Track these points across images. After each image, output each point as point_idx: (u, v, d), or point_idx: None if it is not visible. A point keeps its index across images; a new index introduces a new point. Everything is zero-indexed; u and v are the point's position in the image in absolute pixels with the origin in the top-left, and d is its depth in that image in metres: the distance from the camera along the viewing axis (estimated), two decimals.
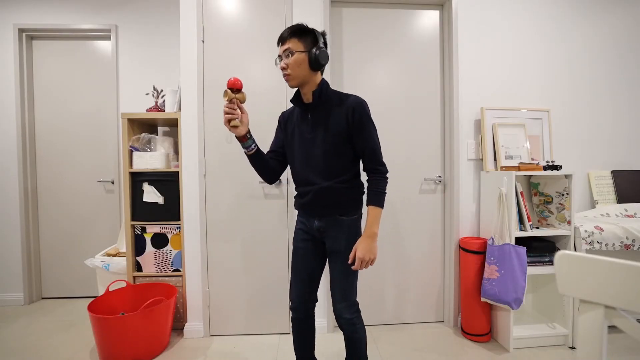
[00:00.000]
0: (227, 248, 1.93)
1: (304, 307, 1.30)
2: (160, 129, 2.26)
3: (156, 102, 2.04)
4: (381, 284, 2.06)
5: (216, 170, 1.91)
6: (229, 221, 1.92)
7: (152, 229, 1.96)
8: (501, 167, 1.88)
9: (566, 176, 1.78)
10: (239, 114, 1.13)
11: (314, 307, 1.33)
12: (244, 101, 1.13)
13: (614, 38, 2.15)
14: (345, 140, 1.16)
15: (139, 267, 1.97)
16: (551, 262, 1.81)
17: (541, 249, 1.80)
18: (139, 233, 1.97)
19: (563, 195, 1.80)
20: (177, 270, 1.97)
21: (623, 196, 2.08)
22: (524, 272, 1.65)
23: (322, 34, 1.18)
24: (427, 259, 2.08)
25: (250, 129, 1.86)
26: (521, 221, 1.78)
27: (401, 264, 2.06)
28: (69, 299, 2.47)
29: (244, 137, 1.17)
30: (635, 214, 1.99)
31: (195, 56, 1.88)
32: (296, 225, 1.33)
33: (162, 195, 1.95)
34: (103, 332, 1.58)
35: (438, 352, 1.75)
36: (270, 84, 1.92)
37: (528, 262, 1.75)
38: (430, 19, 2.06)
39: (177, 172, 1.94)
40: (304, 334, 1.34)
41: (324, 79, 1.20)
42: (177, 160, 1.98)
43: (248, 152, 1.21)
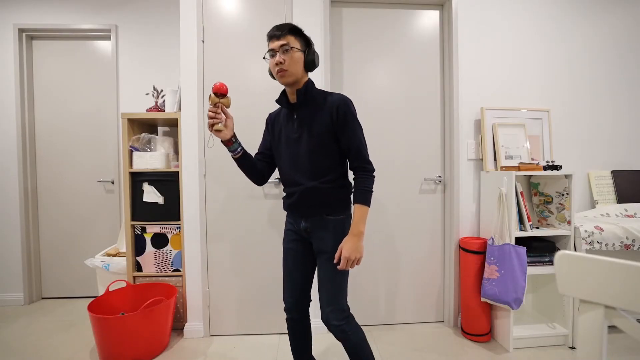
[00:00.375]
0: (227, 248, 1.93)
1: (297, 308, 1.29)
2: (160, 129, 2.26)
3: (156, 102, 2.04)
4: (381, 283, 2.06)
5: (216, 170, 1.91)
6: (229, 221, 1.92)
7: (152, 229, 1.96)
8: (501, 167, 1.88)
9: (566, 176, 1.78)
10: (222, 118, 1.12)
11: (308, 307, 1.32)
12: (228, 106, 1.13)
13: (614, 38, 2.15)
14: (330, 139, 1.15)
15: (139, 267, 1.97)
16: (551, 262, 1.81)
17: (541, 249, 1.80)
18: (139, 233, 1.97)
19: (563, 195, 1.80)
20: (177, 270, 1.97)
21: (623, 196, 2.08)
22: (524, 272, 1.65)
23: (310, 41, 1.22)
24: (427, 259, 2.07)
25: (250, 128, 1.88)
26: (521, 221, 1.78)
27: (401, 263, 2.06)
28: (69, 299, 2.47)
29: (229, 141, 1.17)
30: (635, 214, 1.99)
31: (195, 56, 1.88)
32: (285, 226, 1.33)
33: (162, 195, 1.95)
34: (103, 332, 1.58)
35: (438, 352, 1.75)
36: (270, 84, 1.92)
37: (528, 262, 1.75)
38: (430, 19, 2.06)
39: (177, 172, 1.94)
40: (299, 334, 1.33)
41: (310, 79, 1.20)
42: (177, 160, 1.98)
43: (234, 156, 1.21)
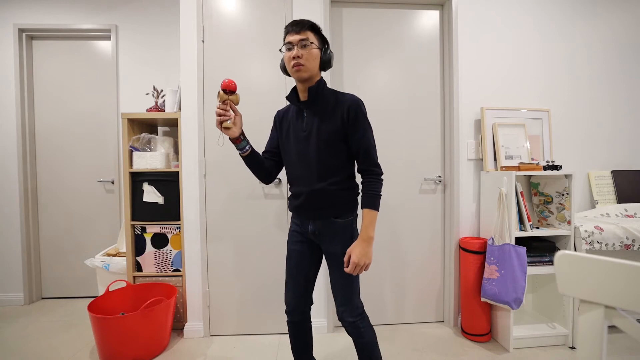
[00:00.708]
0: (227, 248, 1.93)
1: (298, 310, 1.27)
2: (160, 129, 2.26)
3: (156, 102, 2.04)
4: (381, 284, 2.06)
5: (216, 170, 1.91)
6: (229, 221, 1.92)
7: (152, 229, 1.96)
8: (501, 167, 1.88)
9: (566, 176, 1.78)
10: (231, 115, 1.12)
11: (310, 310, 1.31)
12: (237, 103, 1.12)
13: (613, 38, 2.15)
14: (339, 139, 1.14)
15: (139, 267, 1.97)
16: (551, 262, 1.81)
17: (541, 249, 1.80)
18: (139, 233, 1.97)
19: (563, 195, 1.80)
20: (177, 270, 1.97)
21: (623, 196, 2.08)
22: (524, 272, 1.65)
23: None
24: (427, 259, 2.08)
25: (250, 128, 1.88)
26: (521, 221, 1.78)
27: (401, 264, 2.06)
28: (69, 299, 2.47)
29: (237, 139, 1.16)
30: (635, 214, 1.99)
31: (195, 56, 1.88)
32: (290, 227, 1.31)
33: (162, 195, 1.95)
34: (103, 332, 1.58)
35: (438, 352, 1.75)
36: (271, 84, 1.92)
37: (528, 262, 1.75)
38: (430, 19, 2.06)
39: (177, 172, 1.94)
40: (300, 337, 1.32)
41: (322, 78, 1.20)
42: (177, 160, 1.98)
43: (242, 154, 1.21)
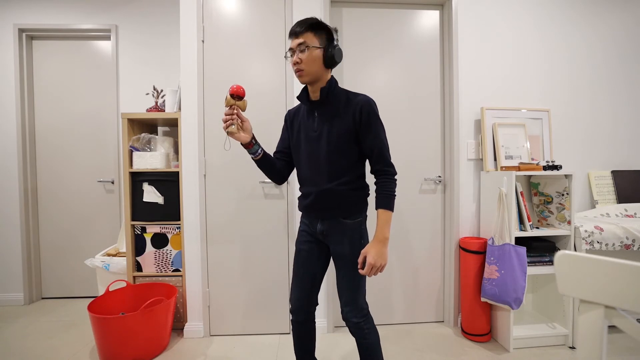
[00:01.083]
0: (227, 248, 1.93)
1: (304, 310, 1.27)
2: (160, 129, 2.26)
3: (156, 102, 2.04)
4: (381, 283, 2.06)
5: (216, 170, 1.91)
6: (229, 221, 1.92)
7: (152, 229, 1.96)
8: (501, 167, 1.88)
9: (566, 176, 1.78)
10: (237, 120, 1.12)
11: (314, 310, 1.30)
12: (244, 109, 1.13)
13: (613, 38, 2.15)
14: (351, 140, 1.13)
15: (139, 267, 1.97)
16: (551, 262, 1.81)
17: (541, 249, 1.80)
18: (139, 233, 1.97)
19: (563, 195, 1.80)
20: (177, 270, 1.97)
21: (623, 196, 2.08)
22: (524, 272, 1.65)
23: (335, 31, 1.15)
24: (427, 259, 2.07)
25: (251, 129, 1.87)
26: (521, 221, 1.78)
27: (401, 263, 2.06)
28: (69, 299, 2.47)
29: (249, 144, 1.17)
30: (635, 214, 1.99)
31: (195, 56, 1.88)
32: (300, 227, 1.31)
33: (162, 195, 1.95)
34: (103, 332, 1.58)
35: (438, 352, 1.75)
36: (271, 84, 1.92)
37: (528, 262, 1.75)
38: (430, 19, 2.06)
39: (177, 172, 1.94)
40: (303, 337, 1.31)
41: (333, 77, 1.18)
42: (177, 160, 1.98)
43: (255, 158, 1.21)
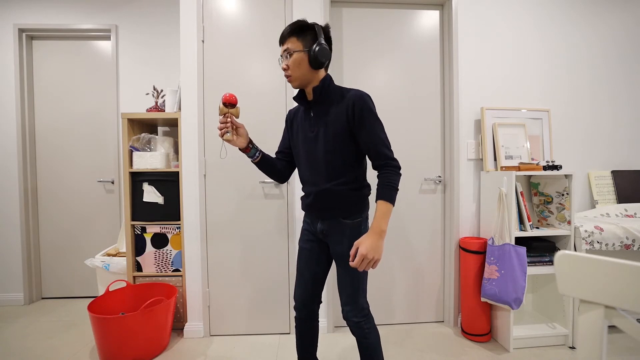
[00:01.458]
0: (227, 248, 1.93)
1: (306, 307, 1.27)
2: (160, 129, 2.26)
3: (156, 102, 2.04)
4: (381, 283, 2.06)
5: (216, 170, 1.91)
6: (228, 221, 1.92)
7: (152, 229, 1.96)
8: (501, 167, 1.88)
9: (566, 176, 1.78)
10: (231, 127, 1.14)
11: (318, 308, 1.30)
12: (237, 116, 1.14)
13: (613, 38, 2.15)
14: (347, 138, 1.11)
15: (139, 267, 1.97)
16: (551, 262, 1.81)
17: (541, 249, 1.80)
18: (139, 233, 1.97)
19: (563, 195, 1.80)
20: (177, 270, 1.97)
21: (623, 196, 2.08)
22: (524, 272, 1.65)
23: (325, 29, 1.13)
24: (427, 259, 2.08)
25: (251, 129, 1.88)
26: (521, 221, 1.78)
27: (401, 263, 2.06)
28: (69, 299, 2.47)
29: (246, 149, 1.18)
30: (635, 214, 1.99)
31: (195, 56, 1.88)
32: (302, 226, 1.32)
33: (162, 195, 1.95)
34: (103, 332, 1.58)
35: (438, 352, 1.75)
36: (271, 84, 1.92)
37: (528, 262, 1.75)
38: (430, 19, 2.06)
39: (177, 172, 1.94)
40: (306, 334, 1.31)
41: (327, 75, 1.16)
42: (177, 160, 1.98)
43: (253, 161, 1.22)
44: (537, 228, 1.84)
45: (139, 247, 1.97)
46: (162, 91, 2.10)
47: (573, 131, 2.12)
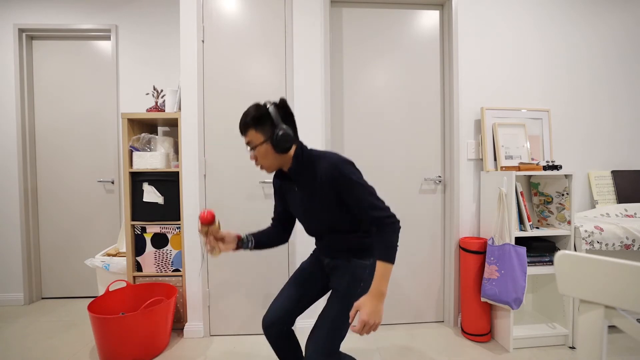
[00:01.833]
0: None
1: (274, 327, 1.17)
2: (160, 129, 2.26)
3: (156, 102, 2.04)
4: None
5: (216, 170, 1.91)
6: (229, 221, 1.92)
7: (152, 229, 1.96)
8: (501, 167, 1.88)
9: (566, 176, 1.78)
10: (215, 244, 1.12)
11: (288, 328, 1.21)
12: (219, 229, 1.12)
13: (613, 38, 2.15)
14: (336, 203, 1.08)
15: (139, 267, 1.97)
16: (551, 262, 1.81)
17: (541, 249, 1.80)
18: (139, 233, 1.97)
19: (563, 195, 1.80)
20: (177, 270, 1.97)
21: (623, 196, 2.08)
22: (524, 272, 1.65)
23: (280, 106, 1.07)
24: (427, 259, 2.07)
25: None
26: (521, 221, 1.78)
27: (401, 263, 2.06)
28: (69, 299, 2.47)
29: (236, 248, 1.17)
30: (635, 214, 1.99)
31: (195, 56, 1.88)
32: (312, 252, 1.32)
33: (162, 195, 1.95)
34: (103, 332, 1.58)
35: (438, 352, 1.75)
36: (271, 84, 1.92)
37: (528, 262, 1.75)
38: (430, 19, 2.06)
39: (177, 172, 1.94)
40: (283, 351, 1.22)
41: (298, 147, 1.11)
42: (177, 160, 1.98)
43: (250, 249, 1.21)
44: (537, 228, 1.84)
45: (139, 247, 1.97)
46: (162, 91, 2.10)
47: (573, 131, 2.12)
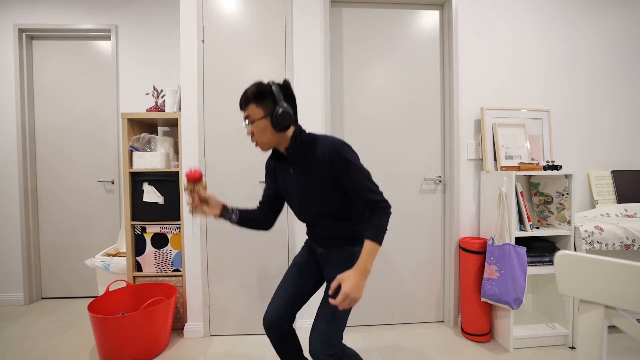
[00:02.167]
0: (227, 248, 1.93)
1: (277, 327, 1.17)
2: (160, 129, 2.26)
3: (156, 102, 2.04)
4: (381, 283, 2.06)
5: (216, 170, 1.91)
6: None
7: (152, 229, 1.96)
8: (501, 167, 1.88)
9: (566, 176, 1.78)
10: (198, 203, 1.12)
11: (289, 326, 1.21)
12: (205, 189, 1.13)
13: (613, 38, 2.15)
14: (334, 186, 1.09)
15: (139, 267, 1.97)
16: (551, 262, 1.81)
17: (541, 249, 1.80)
18: (139, 233, 1.97)
19: (563, 195, 1.80)
20: (177, 270, 1.97)
21: (623, 196, 2.08)
22: (524, 272, 1.65)
23: (284, 86, 1.08)
24: (427, 259, 2.07)
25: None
26: (521, 221, 1.78)
27: (401, 263, 2.06)
28: (69, 299, 2.47)
29: (220, 216, 1.16)
30: (635, 214, 1.99)
31: (195, 56, 1.88)
32: (303, 245, 1.32)
33: (162, 195, 1.95)
34: (103, 332, 1.58)
35: (438, 352, 1.75)
36: None
37: (528, 262, 1.75)
38: (430, 19, 2.06)
39: (177, 172, 1.94)
40: (284, 349, 1.22)
41: (296, 130, 1.11)
42: (177, 160, 1.98)
43: (232, 223, 1.20)
44: (537, 228, 1.84)
45: (139, 247, 1.97)
46: (162, 91, 2.10)
47: (573, 131, 2.12)
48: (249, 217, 1.22)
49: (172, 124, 2.17)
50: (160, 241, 1.97)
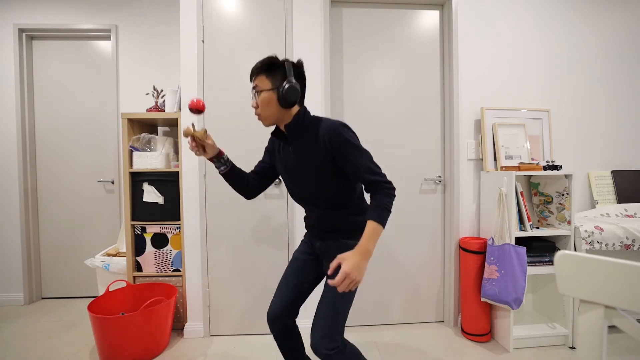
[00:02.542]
0: (227, 248, 1.93)
1: (280, 321, 1.19)
2: (160, 129, 2.26)
3: (156, 102, 2.04)
4: (381, 284, 2.06)
5: (216, 170, 1.91)
6: (229, 221, 1.92)
7: (152, 229, 1.96)
8: (501, 167, 1.88)
9: (566, 176, 1.78)
10: (195, 148, 1.13)
11: (293, 322, 1.22)
12: (202, 137, 1.12)
13: (613, 38, 2.15)
14: (333, 170, 1.07)
15: (139, 267, 1.97)
16: (551, 262, 1.81)
17: (541, 249, 1.80)
18: (139, 233, 1.97)
19: (563, 195, 1.80)
20: (177, 270, 1.97)
21: (623, 196, 2.08)
22: (524, 272, 1.65)
23: (296, 65, 1.08)
24: (427, 259, 2.07)
25: (250, 130, 1.88)
26: (521, 221, 1.78)
27: (401, 263, 2.06)
28: (69, 299, 2.47)
29: (211, 159, 1.17)
30: (635, 214, 1.99)
31: (195, 56, 1.88)
32: (302, 240, 1.31)
33: (162, 195, 1.95)
34: (103, 332, 1.58)
35: (438, 352, 1.75)
36: None
37: (528, 262, 1.75)
38: (430, 19, 2.06)
39: (177, 172, 1.94)
40: (287, 345, 1.23)
41: (301, 110, 1.11)
42: (177, 160, 1.98)
43: (219, 172, 1.21)
44: (537, 228, 1.84)
45: (139, 247, 1.97)
46: (162, 91, 2.10)
47: (573, 131, 2.12)
48: (238, 174, 1.22)
49: (172, 124, 2.17)
50: (160, 241, 1.97)
